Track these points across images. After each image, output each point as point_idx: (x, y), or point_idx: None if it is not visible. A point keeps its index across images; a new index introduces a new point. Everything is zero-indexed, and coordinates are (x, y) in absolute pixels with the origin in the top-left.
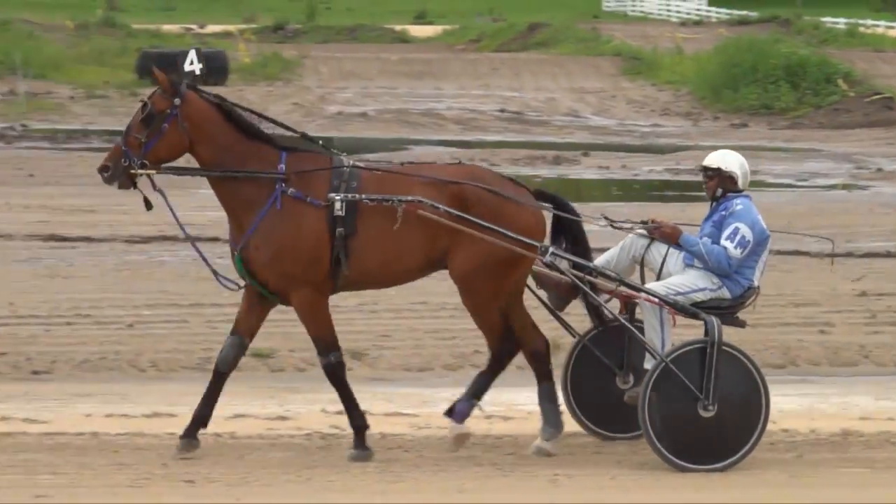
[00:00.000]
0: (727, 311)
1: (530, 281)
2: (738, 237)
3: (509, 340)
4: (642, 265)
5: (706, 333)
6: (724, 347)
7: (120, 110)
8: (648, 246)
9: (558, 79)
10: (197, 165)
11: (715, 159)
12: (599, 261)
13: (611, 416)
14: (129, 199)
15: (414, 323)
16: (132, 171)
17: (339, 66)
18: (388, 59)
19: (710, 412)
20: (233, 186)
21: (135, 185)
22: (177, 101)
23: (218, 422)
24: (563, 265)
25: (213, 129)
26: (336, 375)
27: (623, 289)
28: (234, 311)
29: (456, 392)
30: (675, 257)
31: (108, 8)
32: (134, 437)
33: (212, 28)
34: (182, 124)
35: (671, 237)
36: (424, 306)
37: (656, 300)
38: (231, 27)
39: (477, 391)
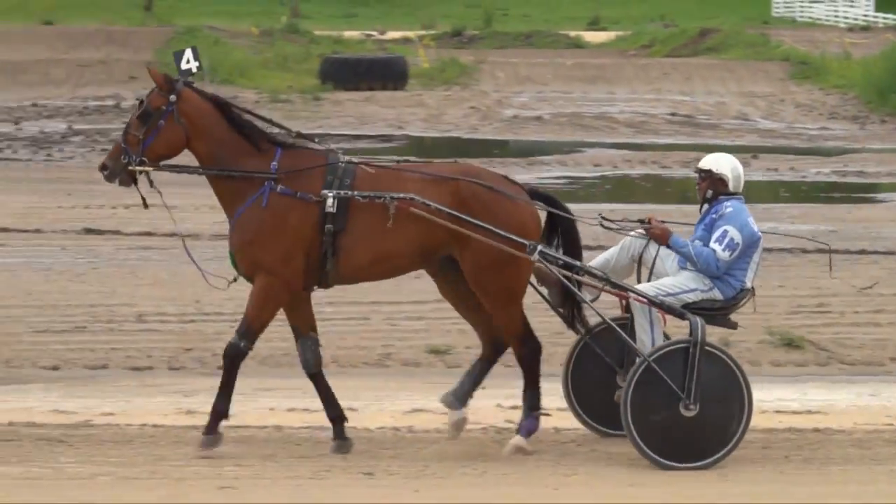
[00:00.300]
0: (719, 312)
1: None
2: (726, 240)
3: (531, 341)
4: (640, 264)
5: (690, 333)
6: (706, 348)
7: (303, 114)
8: (647, 245)
9: (728, 83)
10: (195, 162)
11: (707, 161)
12: (599, 260)
13: (613, 413)
14: None
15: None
16: (131, 169)
17: (514, 70)
18: (562, 64)
19: (692, 411)
20: (226, 181)
21: (135, 183)
22: (172, 97)
23: (396, 416)
24: (554, 264)
25: (210, 124)
26: (234, 359)
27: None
28: (414, 308)
29: None
30: (671, 258)
31: (292, 15)
32: (315, 431)
33: (392, 34)
34: (179, 120)
35: (661, 238)
36: (597, 304)
37: (645, 300)
38: (410, 33)
39: (532, 405)
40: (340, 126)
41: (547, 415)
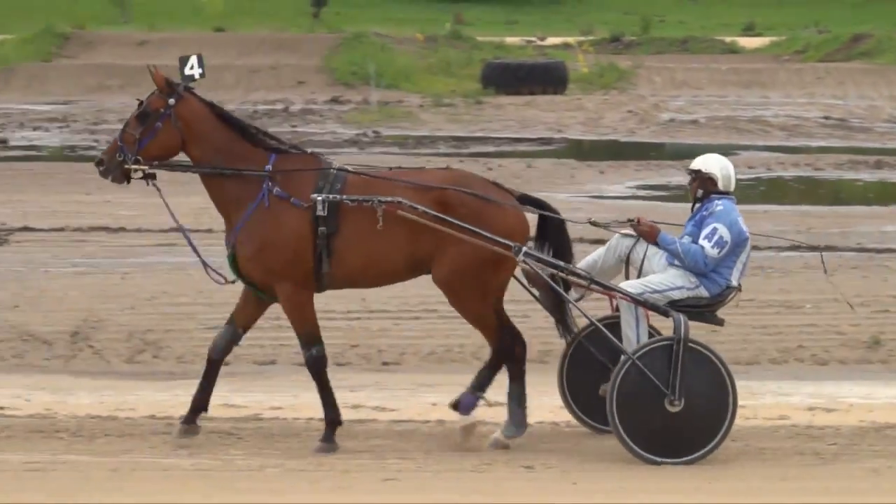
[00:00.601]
0: (705, 309)
1: (524, 279)
2: (715, 237)
3: (508, 335)
4: (628, 264)
5: (675, 330)
6: (690, 344)
7: (465, 118)
8: (634, 245)
9: (880, 87)
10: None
11: (697, 162)
12: (587, 260)
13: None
14: None
15: (742, 319)
16: (126, 167)
17: (671, 75)
18: (717, 69)
19: (676, 407)
20: (222, 185)
21: (128, 181)
22: (171, 100)
23: (555, 411)
24: (538, 266)
25: (206, 129)
26: (316, 369)
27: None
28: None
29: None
30: (658, 256)
31: (456, 22)
32: (478, 426)
33: (552, 40)
34: (176, 123)
35: (649, 235)
36: (752, 303)
37: (629, 298)
38: (570, 39)
39: (481, 385)
40: (501, 129)
41: (487, 403)
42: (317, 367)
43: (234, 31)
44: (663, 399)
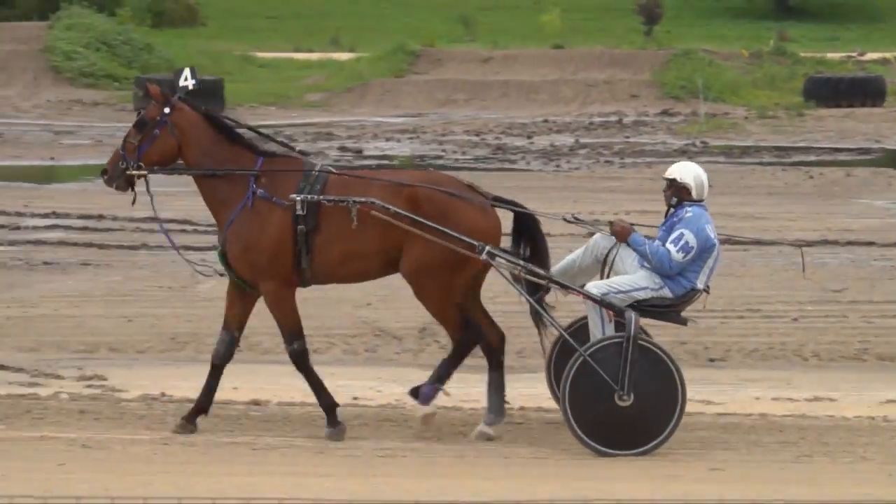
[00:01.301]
0: (669, 309)
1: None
2: (681, 242)
3: (471, 330)
4: (605, 265)
5: (626, 328)
6: (640, 342)
7: (788, 129)
8: (613, 247)
9: None
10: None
11: (672, 171)
12: (565, 261)
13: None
14: (796, 207)
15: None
16: (128, 173)
17: None
18: None
19: (626, 402)
20: (213, 186)
21: (132, 187)
22: (166, 109)
23: (872, 406)
24: (501, 266)
25: (199, 135)
26: (299, 362)
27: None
28: (891, 307)
29: None
30: (631, 259)
31: (779, 39)
32: (797, 419)
33: (871, 55)
34: (172, 131)
35: (621, 235)
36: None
37: (590, 298)
38: (888, 55)
39: (441, 376)
40: (822, 140)
41: (446, 393)
42: (300, 360)
43: (571, 47)
44: (613, 394)
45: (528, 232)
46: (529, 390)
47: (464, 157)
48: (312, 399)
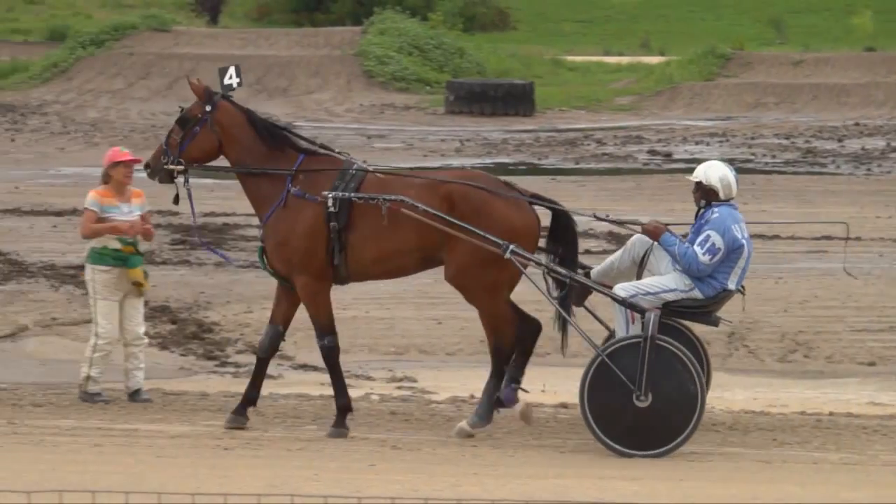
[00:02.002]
0: (699, 310)
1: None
2: (707, 244)
3: (524, 322)
4: (641, 266)
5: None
6: (657, 342)
7: None
8: (647, 249)
9: None
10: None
11: (698, 172)
12: (605, 263)
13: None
14: None
15: None
16: (168, 168)
17: None
18: None
19: (644, 402)
20: (254, 183)
21: (173, 181)
22: (208, 107)
23: None
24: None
25: (240, 133)
26: (328, 357)
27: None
28: None
29: None
30: (666, 261)
31: None
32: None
33: None
34: (213, 128)
35: (653, 234)
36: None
37: (615, 300)
38: None
39: (514, 377)
40: None
41: (524, 390)
42: (329, 356)
43: (883, 50)
44: (631, 394)
45: (564, 230)
46: (839, 396)
47: (773, 160)
48: None
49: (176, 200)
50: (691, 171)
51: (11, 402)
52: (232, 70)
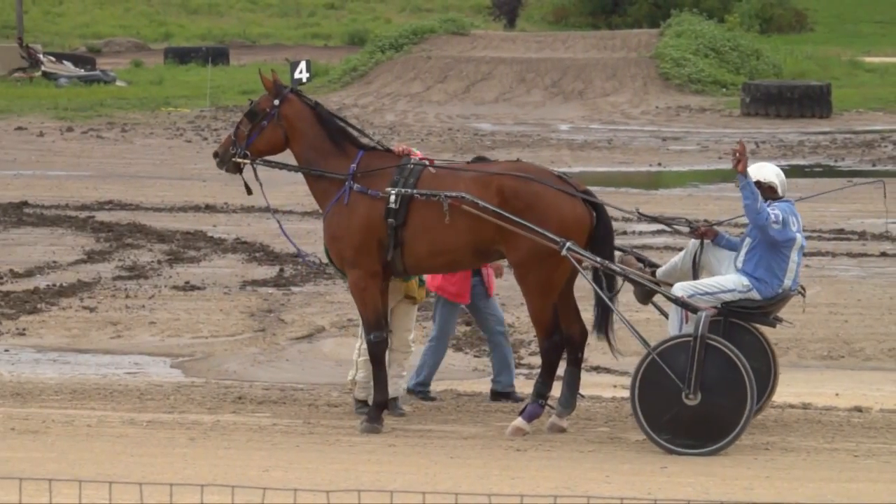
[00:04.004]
0: (757, 311)
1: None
2: (774, 213)
3: (558, 335)
4: (698, 266)
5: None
6: (709, 341)
7: None
8: (701, 247)
9: None
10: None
11: (753, 172)
12: (669, 263)
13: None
14: None
15: None
16: (234, 160)
17: None
18: None
19: (693, 401)
20: (316, 178)
21: (240, 172)
22: (276, 101)
23: None
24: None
25: (305, 128)
26: (373, 353)
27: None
28: None
29: None
30: (728, 261)
31: None
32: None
33: None
34: (280, 122)
35: (706, 235)
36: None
37: (669, 298)
38: None
39: (541, 392)
40: None
41: (550, 407)
42: (373, 352)
43: None
44: (681, 393)
45: (602, 230)
46: None
47: None
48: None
49: (248, 191)
50: None
51: (308, 402)
52: (303, 65)
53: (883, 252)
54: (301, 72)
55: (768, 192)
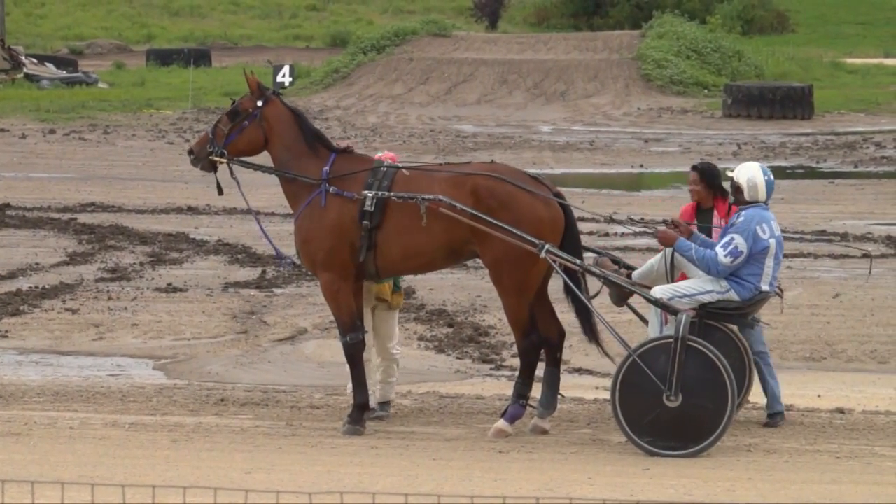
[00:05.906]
0: (735, 312)
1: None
2: (730, 247)
3: (535, 335)
4: (673, 268)
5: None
6: (689, 343)
7: None
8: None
9: None
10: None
11: (735, 170)
12: (645, 266)
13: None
14: None
15: None
16: (212, 158)
17: None
18: None
19: (673, 402)
20: (289, 184)
21: (215, 170)
22: (259, 103)
23: None
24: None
25: (283, 130)
26: (350, 354)
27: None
28: None
29: None
30: None
31: None
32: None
33: None
34: (261, 123)
35: (666, 241)
36: None
37: (648, 300)
38: None
39: (522, 393)
40: None
41: (531, 406)
42: (350, 353)
43: None
44: (662, 394)
45: (570, 230)
46: None
47: None
48: None
49: (220, 191)
50: None
51: (290, 404)
52: (286, 69)
53: (865, 253)
54: (284, 76)
55: (737, 192)
